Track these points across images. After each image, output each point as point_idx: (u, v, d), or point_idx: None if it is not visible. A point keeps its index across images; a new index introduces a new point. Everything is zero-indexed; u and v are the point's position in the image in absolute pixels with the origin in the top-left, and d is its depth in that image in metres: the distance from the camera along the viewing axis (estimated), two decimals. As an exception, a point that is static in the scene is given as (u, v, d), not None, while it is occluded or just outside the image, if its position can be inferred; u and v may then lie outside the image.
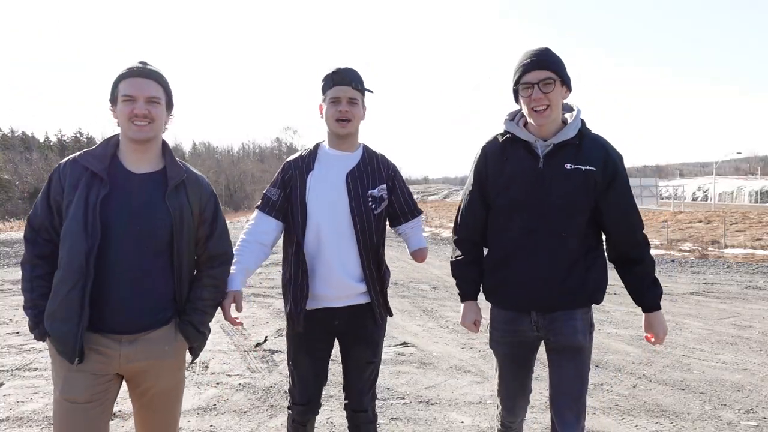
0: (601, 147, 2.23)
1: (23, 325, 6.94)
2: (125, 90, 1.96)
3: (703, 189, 76.60)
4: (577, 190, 2.16)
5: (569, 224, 2.18)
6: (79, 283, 1.87)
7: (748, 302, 8.91)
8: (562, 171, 2.17)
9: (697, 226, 26.61)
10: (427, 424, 3.79)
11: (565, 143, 2.19)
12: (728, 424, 3.78)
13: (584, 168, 2.16)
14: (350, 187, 2.35)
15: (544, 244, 2.17)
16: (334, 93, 2.35)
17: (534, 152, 2.21)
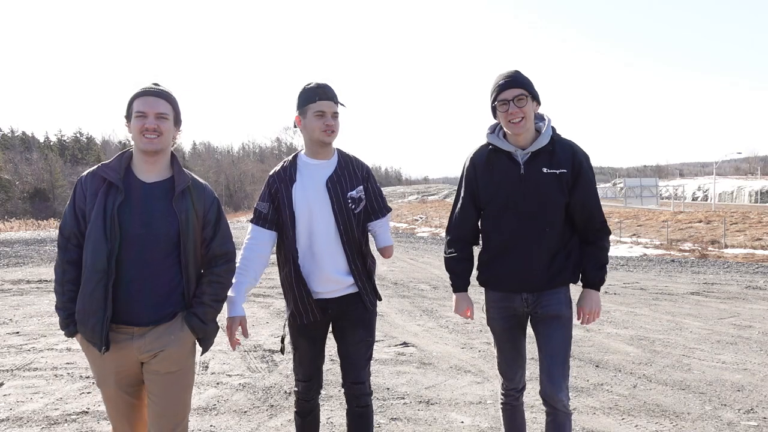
0: (569, 150, 2.57)
1: (23, 325, 6.95)
2: (138, 107, 2.20)
3: (703, 189, 76.61)
4: (554, 191, 2.52)
5: (550, 220, 2.53)
6: (102, 281, 2.12)
7: (748, 302, 8.91)
8: (541, 175, 2.52)
9: (697, 226, 26.61)
10: (427, 424, 3.79)
11: (541, 150, 2.53)
12: (728, 424, 3.78)
13: (558, 171, 2.52)
14: (331, 192, 2.59)
15: (530, 239, 2.53)
16: (319, 107, 2.54)
17: (515, 160, 2.55)
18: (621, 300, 9.16)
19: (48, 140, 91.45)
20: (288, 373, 4.83)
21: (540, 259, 2.53)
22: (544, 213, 2.51)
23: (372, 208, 2.70)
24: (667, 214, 33.44)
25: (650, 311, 8.10)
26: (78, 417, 3.86)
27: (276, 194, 2.62)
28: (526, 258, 2.53)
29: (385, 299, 8.85)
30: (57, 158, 79.07)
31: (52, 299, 8.88)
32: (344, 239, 2.59)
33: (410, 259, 15.97)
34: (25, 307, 8.32)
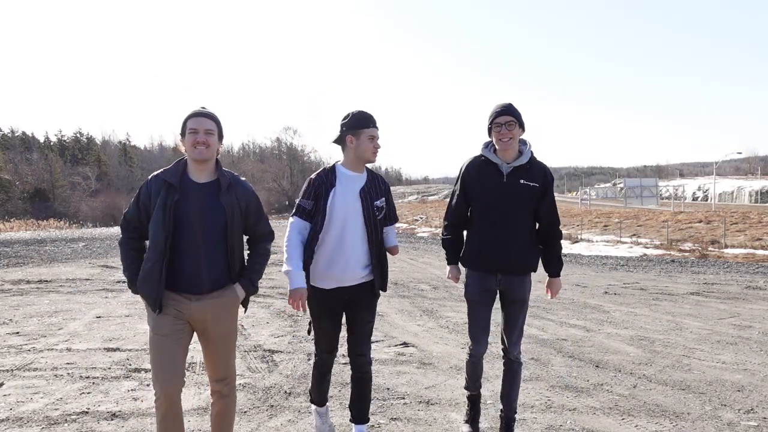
0: (542, 170, 3.38)
1: (23, 325, 6.95)
2: (191, 125, 2.78)
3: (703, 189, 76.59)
4: (527, 199, 3.32)
5: (522, 220, 3.34)
6: (159, 260, 2.71)
7: (748, 302, 8.90)
8: (519, 185, 3.32)
9: (697, 226, 26.60)
10: (427, 424, 3.79)
11: (521, 166, 3.33)
12: (728, 424, 3.78)
13: (531, 184, 3.32)
14: (363, 200, 3.17)
15: (506, 232, 3.32)
16: (372, 132, 3.15)
17: (500, 171, 3.34)
18: (621, 300, 9.16)
19: (48, 140, 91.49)
20: (288, 374, 4.83)
21: (513, 248, 3.32)
22: (517, 214, 3.32)
23: (387, 217, 3.30)
24: (667, 214, 33.43)
25: (650, 311, 8.10)
26: (78, 417, 3.86)
27: (318, 193, 3.15)
28: (502, 247, 3.32)
29: (385, 299, 8.85)
30: (57, 158, 79.06)
31: (52, 299, 8.93)
32: (370, 239, 3.18)
33: (410, 259, 15.97)
34: (25, 307, 8.32)
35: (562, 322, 7.22)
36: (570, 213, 38.79)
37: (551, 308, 8.33)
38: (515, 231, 3.31)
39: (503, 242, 3.31)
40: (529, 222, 3.36)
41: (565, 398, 4.29)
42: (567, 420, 3.85)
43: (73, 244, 22.80)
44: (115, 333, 6.50)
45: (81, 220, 55.70)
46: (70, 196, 71.82)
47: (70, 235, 31.37)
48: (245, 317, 7.39)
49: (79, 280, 11.56)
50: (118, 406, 4.07)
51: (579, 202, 61.63)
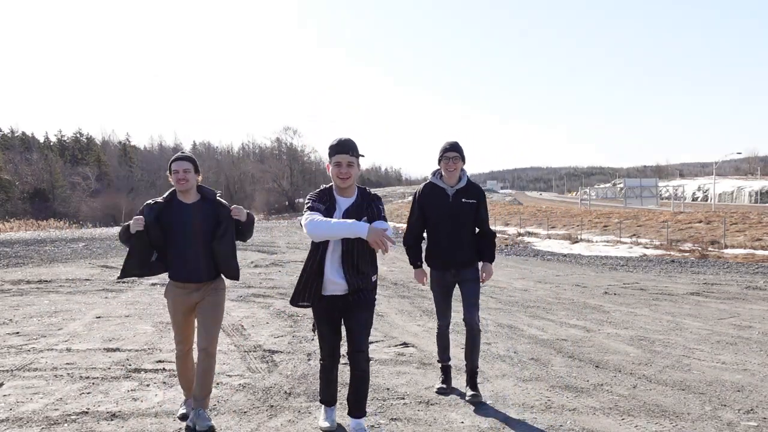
0: (476, 189, 4.45)
1: (23, 325, 6.94)
2: (174, 167, 3.74)
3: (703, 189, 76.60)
4: (468, 211, 4.36)
5: (466, 228, 4.37)
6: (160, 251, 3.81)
7: (748, 302, 8.90)
8: (461, 203, 4.34)
9: (697, 226, 26.59)
10: (427, 424, 3.79)
11: (462, 188, 4.38)
12: (728, 424, 3.78)
13: (470, 201, 4.36)
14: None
15: (455, 238, 4.33)
16: (337, 159, 3.44)
17: (447, 193, 4.36)
18: (621, 300, 9.15)
19: (48, 140, 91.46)
20: (288, 374, 4.83)
21: (461, 249, 4.33)
22: (462, 223, 4.34)
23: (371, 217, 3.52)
24: (667, 215, 33.43)
25: (650, 311, 8.10)
26: (78, 417, 3.86)
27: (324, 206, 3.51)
28: (453, 249, 4.33)
29: (385, 299, 8.85)
30: (57, 158, 79.05)
31: (52, 299, 8.93)
32: (344, 257, 3.44)
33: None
34: (25, 307, 8.31)
35: (562, 322, 7.22)
36: (570, 213, 38.80)
37: (551, 308, 8.33)
38: (461, 237, 4.32)
39: (453, 246, 4.32)
40: (471, 229, 4.40)
41: (565, 398, 4.29)
42: (567, 420, 3.85)
43: (72, 244, 22.80)
44: (114, 333, 6.50)
45: (81, 220, 55.68)
46: (70, 197, 71.77)
47: (69, 235, 31.36)
48: (245, 318, 7.40)
49: (78, 280, 11.55)
50: (118, 407, 4.07)
51: (579, 203, 61.64)
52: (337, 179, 3.46)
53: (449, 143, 4.33)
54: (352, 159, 3.47)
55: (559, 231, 29.79)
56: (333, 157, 3.46)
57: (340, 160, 3.43)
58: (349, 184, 3.49)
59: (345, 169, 3.43)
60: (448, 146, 4.32)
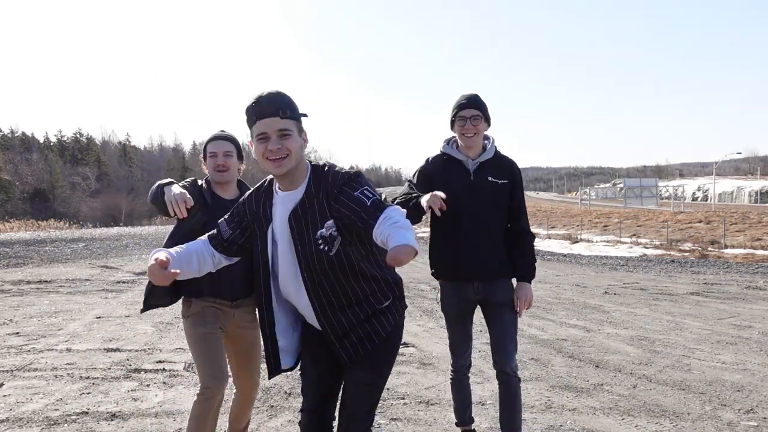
0: (510, 166, 3.06)
1: (23, 326, 6.95)
2: (210, 149, 2.85)
3: (703, 189, 76.64)
4: (498, 197, 3.00)
5: (495, 220, 3.00)
6: None
7: (748, 302, 8.91)
8: (487, 182, 2.98)
9: (697, 226, 26.61)
10: (427, 424, 3.79)
11: (487, 162, 3.02)
12: (728, 424, 3.78)
13: (499, 182, 2.99)
14: (294, 229, 2.06)
15: (480, 234, 2.96)
16: (258, 129, 1.99)
17: (466, 168, 3.01)
18: (621, 300, 9.15)
19: (48, 140, 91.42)
20: (288, 374, 4.82)
21: (489, 250, 2.97)
22: (489, 213, 2.98)
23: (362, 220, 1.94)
24: (666, 215, 33.44)
25: (650, 311, 8.10)
26: (78, 417, 3.86)
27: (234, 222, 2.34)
28: (477, 250, 2.95)
29: (385, 299, 8.84)
30: (57, 159, 79.07)
31: (52, 300, 8.93)
32: (310, 289, 2.08)
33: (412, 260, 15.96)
34: (25, 307, 8.31)
35: (562, 322, 7.22)
36: (570, 213, 38.82)
37: (551, 308, 8.33)
38: (488, 232, 2.94)
39: (477, 246, 2.93)
40: (503, 222, 3.02)
41: (565, 398, 4.29)
42: (567, 420, 3.85)
43: (72, 245, 22.80)
44: (114, 333, 6.50)
45: (81, 220, 55.71)
46: (70, 197, 71.81)
47: (69, 235, 31.36)
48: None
49: (78, 280, 11.56)
50: (118, 407, 4.07)
51: (579, 203, 61.62)
52: (268, 164, 2.01)
53: (466, 96, 2.98)
54: (288, 125, 2.00)
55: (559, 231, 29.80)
56: (254, 127, 2.02)
57: (264, 130, 1.99)
58: (288, 168, 2.01)
59: (275, 144, 1.98)
60: (464, 100, 2.95)
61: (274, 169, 2.01)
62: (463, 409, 3.24)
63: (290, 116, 2.00)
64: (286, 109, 2.00)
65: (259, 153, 2.01)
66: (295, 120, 2.02)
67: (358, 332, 2.14)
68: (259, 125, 1.99)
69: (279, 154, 1.98)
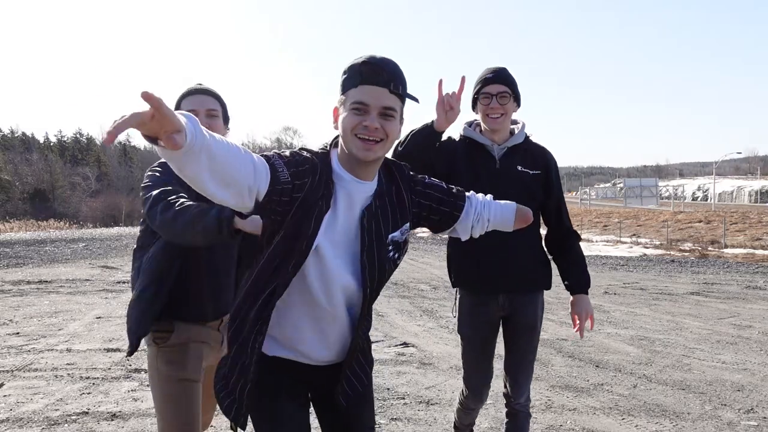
0: (542, 154, 2.63)
1: (23, 326, 6.95)
2: (188, 106, 2.17)
3: (703, 189, 76.69)
4: (528, 189, 2.52)
5: None
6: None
7: (748, 302, 8.91)
8: (516, 172, 2.53)
9: (697, 226, 26.63)
10: (427, 424, 3.79)
11: (516, 147, 2.57)
12: (728, 423, 3.78)
13: (531, 172, 2.54)
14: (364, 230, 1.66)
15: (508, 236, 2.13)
16: (360, 95, 1.55)
17: (491, 154, 2.56)
18: (621, 300, 9.16)
19: (48, 141, 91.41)
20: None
21: (519, 256, 2.50)
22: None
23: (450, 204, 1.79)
24: (666, 214, 33.45)
25: (650, 311, 8.11)
26: (78, 417, 3.86)
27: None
28: (504, 256, 2.47)
29: (384, 299, 8.85)
30: (57, 159, 79.07)
31: (52, 300, 8.92)
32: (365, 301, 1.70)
33: (410, 259, 15.97)
34: (25, 307, 8.32)
35: (562, 322, 7.22)
36: (570, 213, 38.81)
37: (551, 308, 8.34)
38: (519, 232, 2.15)
39: (505, 249, 2.43)
40: (536, 220, 2.54)
41: (565, 398, 4.29)
42: (567, 420, 3.86)
43: (73, 245, 22.81)
44: (115, 333, 6.50)
45: (81, 220, 55.68)
46: (70, 197, 71.81)
47: (70, 235, 31.38)
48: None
49: (79, 280, 11.56)
50: (118, 407, 4.07)
51: (579, 202, 61.68)
52: (355, 143, 1.57)
53: (491, 69, 2.51)
54: (395, 103, 1.59)
55: (559, 231, 29.78)
56: (351, 92, 1.57)
57: (366, 99, 1.55)
58: (378, 156, 1.60)
59: (374, 122, 1.55)
60: (489, 74, 2.48)
61: (361, 152, 1.56)
62: (467, 425, 2.95)
63: (401, 93, 1.60)
64: (399, 84, 1.58)
65: (348, 125, 1.55)
66: (402, 101, 1.64)
67: (361, 363, 1.81)
68: (362, 91, 1.55)
69: (375, 135, 1.55)
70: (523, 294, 2.57)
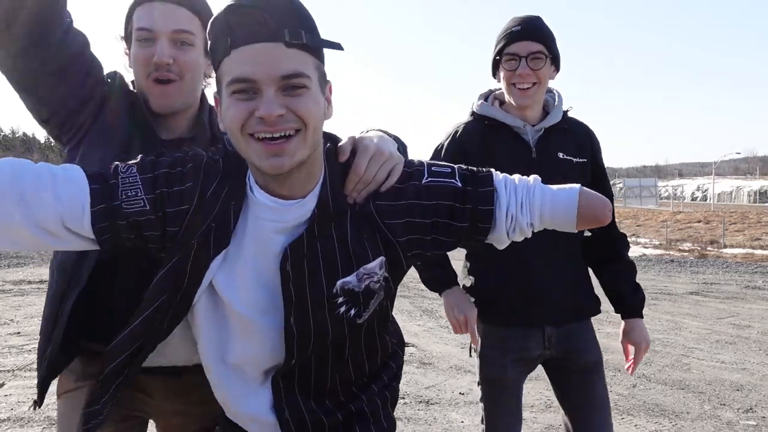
0: (586, 135, 2.02)
1: (24, 326, 6.95)
2: (141, 23, 1.36)
3: (702, 189, 76.69)
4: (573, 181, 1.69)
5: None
6: None
7: (747, 302, 8.92)
8: (556, 161, 1.88)
9: (696, 226, 26.67)
10: (427, 424, 3.80)
11: (553, 128, 1.93)
12: (727, 423, 3.79)
13: (575, 160, 1.92)
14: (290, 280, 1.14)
15: (549, 251, 1.82)
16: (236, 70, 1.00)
17: (522, 140, 1.89)
18: (620, 300, 9.17)
19: (48, 141, 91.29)
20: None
21: (565, 277, 1.90)
22: None
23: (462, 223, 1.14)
24: (666, 214, 33.49)
25: (649, 311, 8.12)
26: (79, 417, 3.87)
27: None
28: (548, 277, 1.85)
29: (384, 299, 8.85)
30: (58, 159, 79.02)
31: (53, 300, 8.92)
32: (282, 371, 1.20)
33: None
34: (26, 307, 8.32)
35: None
36: (569, 213, 38.78)
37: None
38: (567, 244, 1.86)
39: (549, 266, 1.86)
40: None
41: (565, 398, 4.30)
42: (567, 419, 3.87)
43: (72, 245, 22.79)
44: (115, 333, 6.51)
45: (80, 220, 55.68)
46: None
47: (69, 235, 31.35)
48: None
49: (79, 280, 11.56)
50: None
51: (578, 202, 61.44)
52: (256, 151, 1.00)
53: (520, 19, 1.86)
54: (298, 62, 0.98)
55: (558, 231, 29.80)
56: (227, 63, 0.99)
57: (249, 73, 0.96)
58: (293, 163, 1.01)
59: (274, 105, 0.96)
60: (516, 26, 1.84)
61: (266, 162, 1.00)
62: None
63: (308, 43, 0.99)
64: (300, 27, 0.98)
65: (234, 122, 0.99)
66: (316, 53, 1.02)
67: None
68: (240, 60, 0.97)
69: (283, 128, 0.98)
70: (578, 323, 2.00)
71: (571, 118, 2.01)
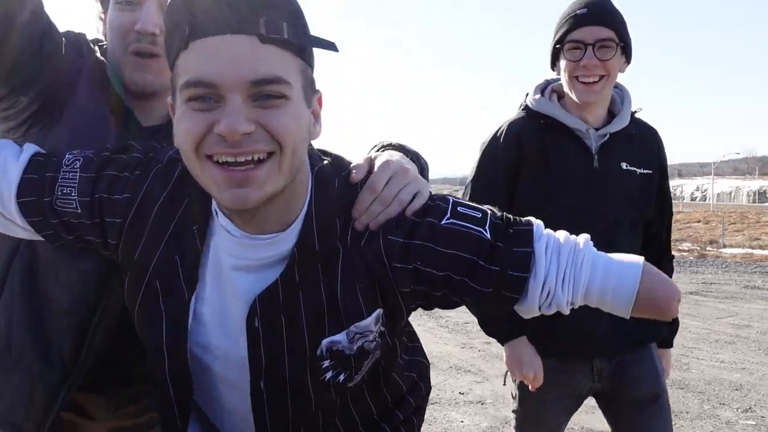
0: (655, 141, 1.77)
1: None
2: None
3: (702, 189, 76.77)
4: (636, 198, 1.67)
5: (628, 242, 1.60)
6: None
7: (746, 302, 8.93)
8: (619, 172, 1.65)
9: (696, 226, 26.69)
10: (427, 423, 3.80)
11: (620, 134, 1.67)
12: (727, 423, 3.80)
13: (639, 171, 1.67)
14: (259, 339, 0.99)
15: None
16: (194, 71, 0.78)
17: (584, 145, 1.64)
18: (620, 300, 9.18)
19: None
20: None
21: None
22: (621, 231, 1.63)
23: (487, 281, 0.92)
24: (665, 214, 33.50)
25: (649, 311, 8.12)
26: (80, 417, 3.87)
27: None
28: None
29: (384, 299, 8.85)
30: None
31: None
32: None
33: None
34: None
35: (561, 322, 7.24)
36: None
37: (550, 308, 8.36)
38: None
39: None
40: (637, 245, 1.75)
41: (565, 397, 4.31)
42: (566, 419, 3.87)
43: (72, 245, 22.76)
44: (115, 334, 6.51)
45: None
46: (68, 197, 71.83)
47: (68, 236, 31.30)
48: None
49: (78, 280, 11.56)
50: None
51: (578, 202, 61.52)
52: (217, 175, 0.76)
53: (584, 1, 1.60)
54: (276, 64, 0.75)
55: (557, 231, 29.82)
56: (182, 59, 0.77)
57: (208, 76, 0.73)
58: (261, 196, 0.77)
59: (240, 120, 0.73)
60: (581, 8, 1.59)
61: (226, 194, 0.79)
62: None
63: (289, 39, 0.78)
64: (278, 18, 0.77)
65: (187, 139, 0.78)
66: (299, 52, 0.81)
67: None
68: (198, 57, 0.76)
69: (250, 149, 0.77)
70: (633, 353, 1.75)
71: (639, 120, 1.77)
